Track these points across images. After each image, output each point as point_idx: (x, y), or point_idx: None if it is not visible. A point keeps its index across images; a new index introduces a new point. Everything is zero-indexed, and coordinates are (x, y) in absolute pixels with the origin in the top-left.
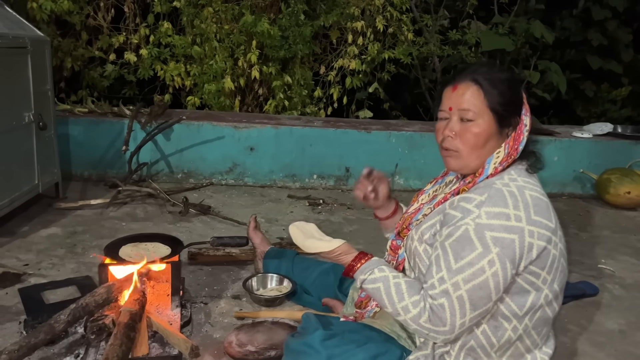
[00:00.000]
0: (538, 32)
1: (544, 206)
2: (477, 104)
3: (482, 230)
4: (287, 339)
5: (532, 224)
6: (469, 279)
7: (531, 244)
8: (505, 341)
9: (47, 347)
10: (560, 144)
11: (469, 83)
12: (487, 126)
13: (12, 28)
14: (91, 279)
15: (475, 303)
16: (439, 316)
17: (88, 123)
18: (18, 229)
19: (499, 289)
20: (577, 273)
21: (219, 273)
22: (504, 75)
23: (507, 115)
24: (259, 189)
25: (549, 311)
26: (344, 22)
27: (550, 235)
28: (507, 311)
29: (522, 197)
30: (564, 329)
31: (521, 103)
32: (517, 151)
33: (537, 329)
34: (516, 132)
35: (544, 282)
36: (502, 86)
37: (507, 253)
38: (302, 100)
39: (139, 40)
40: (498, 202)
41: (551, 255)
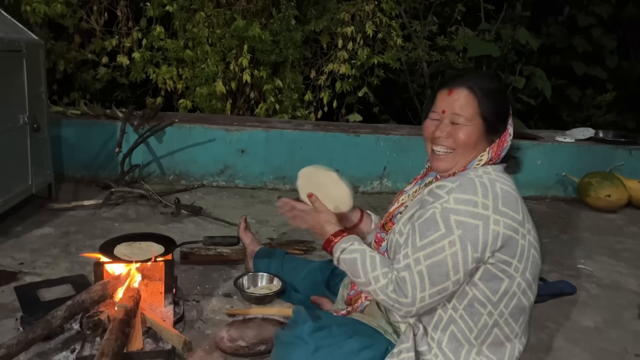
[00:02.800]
0: (523, 38)
1: (513, 199)
2: (470, 111)
3: (447, 214)
4: (277, 331)
5: (498, 214)
6: (429, 255)
7: (496, 231)
8: (482, 326)
9: (44, 342)
10: (544, 148)
11: (465, 90)
12: (476, 131)
13: (7, 32)
14: (85, 277)
15: (433, 279)
16: (402, 288)
17: (80, 125)
18: (12, 229)
19: (457, 269)
20: (556, 272)
21: (211, 272)
22: (498, 87)
23: (495, 124)
24: (249, 191)
25: (524, 300)
26: (334, 27)
27: (517, 226)
28: (482, 296)
29: (493, 189)
30: (541, 326)
31: (509, 113)
32: (499, 156)
33: (514, 317)
34: (500, 139)
35: (515, 270)
36: (495, 98)
37: (469, 236)
38: (292, 103)
39: (131, 43)
40: (467, 190)
41: (520, 245)
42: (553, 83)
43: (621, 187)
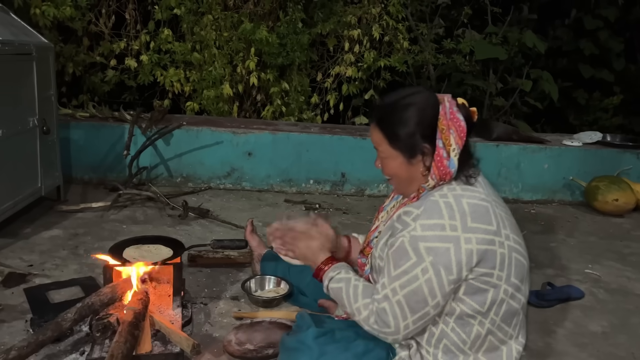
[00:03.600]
0: (530, 41)
1: (483, 211)
2: (382, 144)
3: (415, 242)
4: (282, 337)
5: (468, 231)
6: (404, 285)
7: (469, 250)
8: (475, 337)
9: (54, 344)
10: (551, 151)
11: (373, 123)
12: (397, 162)
13: (17, 35)
14: (94, 279)
15: (412, 307)
16: (383, 319)
17: (89, 127)
18: (21, 231)
19: (434, 294)
20: (563, 277)
21: (218, 275)
22: (402, 110)
23: (412, 148)
24: (256, 194)
25: (514, 303)
26: (340, 30)
27: (492, 237)
28: (470, 310)
29: (459, 207)
30: (549, 331)
31: (429, 129)
32: (450, 174)
33: (506, 322)
34: (435, 160)
35: (499, 279)
36: (400, 123)
37: (440, 261)
38: (299, 106)
39: (139, 46)
40: (433, 214)
41: (498, 254)
42: (560, 86)
43: (629, 191)
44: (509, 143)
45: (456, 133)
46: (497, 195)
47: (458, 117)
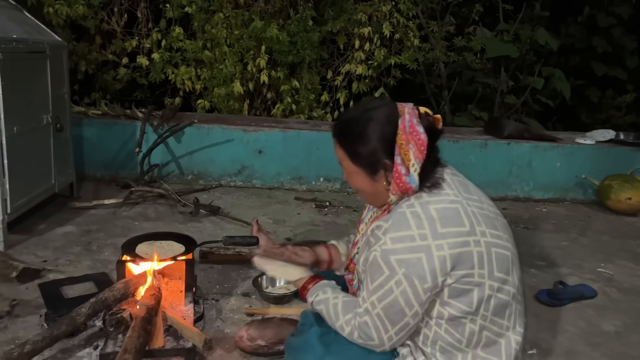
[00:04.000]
0: (542, 39)
1: (452, 214)
2: (344, 160)
3: (387, 256)
4: (287, 338)
5: (439, 238)
6: (381, 298)
7: (442, 256)
8: (469, 334)
9: (68, 339)
10: (563, 150)
11: (336, 142)
12: (360, 177)
13: (31, 33)
14: (107, 275)
15: (391, 319)
16: (366, 333)
17: (101, 125)
18: (35, 227)
19: (410, 304)
20: (576, 276)
21: (229, 272)
22: (361, 126)
23: (373, 164)
24: (266, 191)
25: (503, 296)
26: (351, 28)
27: (465, 238)
28: (458, 311)
29: (427, 214)
30: (561, 330)
31: (389, 145)
32: (412, 189)
33: (498, 315)
34: (393, 176)
35: (481, 277)
36: (360, 139)
37: (413, 272)
38: (309, 104)
39: (151, 44)
40: (401, 226)
41: (475, 253)
42: (572, 84)
43: None
44: (521, 141)
45: (416, 147)
46: (475, 190)
47: (418, 129)
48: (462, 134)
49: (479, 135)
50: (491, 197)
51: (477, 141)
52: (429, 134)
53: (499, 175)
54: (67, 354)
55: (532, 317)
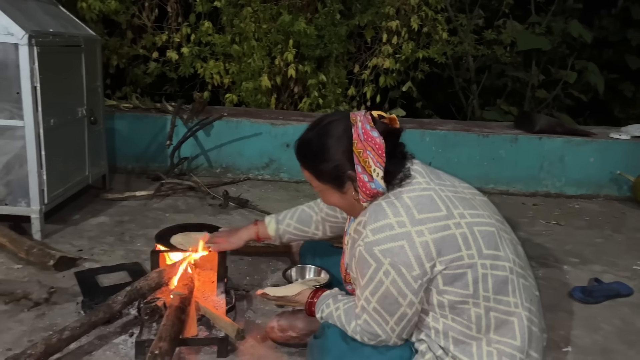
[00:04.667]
0: (576, 31)
1: (427, 200)
2: (312, 180)
3: (370, 248)
4: (310, 340)
5: (417, 224)
6: (373, 291)
7: (424, 242)
8: (476, 319)
9: (104, 326)
10: (597, 145)
11: (300, 164)
12: (330, 193)
13: (67, 27)
14: (140, 265)
15: (388, 310)
16: (370, 332)
17: (133, 118)
18: (70, 217)
19: (403, 293)
20: (611, 274)
21: (259, 263)
22: (318, 144)
23: (338, 178)
24: (294, 185)
25: (499, 272)
26: (378, 21)
27: (444, 222)
28: (457, 297)
29: (401, 202)
30: (596, 328)
31: (348, 156)
32: (380, 193)
33: (501, 292)
34: (359, 184)
35: (470, 258)
36: (320, 158)
37: (399, 260)
38: (335, 98)
39: (180, 39)
40: (378, 216)
41: (458, 235)
42: (605, 77)
43: None
44: (553, 136)
45: (373, 152)
46: (446, 177)
47: (372, 134)
48: (491, 128)
49: (509, 129)
50: (521, 192)
51: (507, 136)
52: (387, 136)
53: (529, 171)
54: (103, 341)
55: (566, 314)
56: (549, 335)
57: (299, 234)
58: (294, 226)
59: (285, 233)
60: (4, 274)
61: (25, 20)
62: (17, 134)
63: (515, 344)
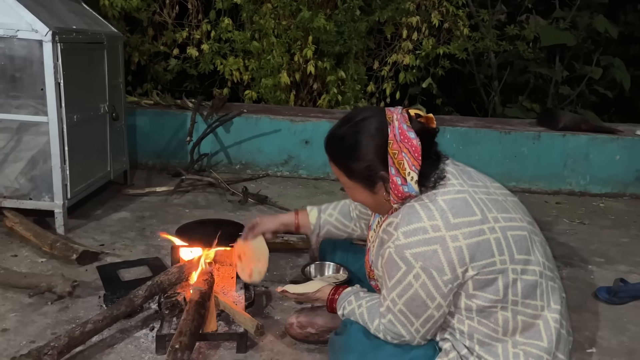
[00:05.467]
0: (602, 26)
1: (461, 204)
2: (341, 177)
3: (401, 251)
4: (330, 337)
5: (452, 229)
6: (401, 294)
7: (458, 247)
8: (503, 322)
9: (125, 319)
10: (623, 142)
11: (329, 159)
12: (359, 191)
13: (89, 24)
14: (160, 260)
15: (414, 312)
16: (395, 332)
17: (153, 115)
18: (92, 212)
19: (432, 296)
20: (637, 274)
21: (278, 260)
22: (351, 142)
23: (369, 178)
24: (312, 181)
25: (529, 277)
26: (398, 17)
27: (479, 226)
28: (486, 302)
29: (436, 205)
30: (622, 329)
31: (382, 156)
32: (412, 197)
33: (529, 297)
34: (390, 186)
35: (502, 263)
36: (351, 156)
37: (430, 264)
38: (355, 95)
39: (200, 35)
40: (412, 219)
41: (492, 240)
42: (631, 74)
43: None
44: (577, 133)
45: (409, 155)
46: (478, 176)
47: (409, 135)
48: (513, 125)
49: (532, 126)
50: (544, 190)
51: (529, 133)
52: (423, 136)
53: (552, 169)
54: (125, 334)
55: (591, 315)
56: (575, 336)
57: (339, 227)
58: (336, 217)
59: (325, 224)
60: (28, 268)
61: (49, 17)
62: (41, 129)
63: (543, 345)
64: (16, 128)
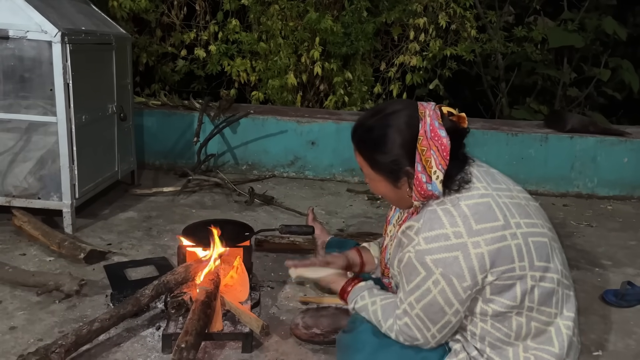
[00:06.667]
0: (610, 28)
1: (484, 209)
2: (365, 167)
3: (422, 256)
4: (338, 335)
5: (474, 235)
6: (419, 299)
7: (480, 254)
8: (517, 327)
9: (132, 318)
10: (631, 144)
11: (355, 149)
12: (382, 184)
13: (98, 25)
14: (167, 259)
15: (431, 318)
16: (409, 334)
17: (161, 115)
18: (100, 212)
19: (450, 303)
20: None
21: (283, 260)
22: (379, 133)
23: (394, 172)
24: (318, 182)
25: (547, 284)
26: (406, 18)
27: (501, 232)
28: (503, 307)
29: (459, 211)
30: (629, 332)
31: (410, 151)
32: (435, 196)
33: (545, 304)
34: (414, 182)
35: (522, 270)
36: (379, 147)
37: (451, 271)
38: (361, 96)
39: (208, 36)
40: (434, 225)
41: (513, 246)
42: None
43: None
44: (585, 135)
45: (438, 153)
46: (502, 178)
47: (440, 133)
48: (521, 127)
49: (539, 128)
50: (551, 192)
51: (537, 134)
52: (453, 135)
53: (560, 171)
54: (131, 333)
55: (598, 318)
56: (581, 339)
57: None
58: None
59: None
60: (36, 266)
61: (59, 18)
62: (50, 129)
63: (554, 351)
64: (25, 128)
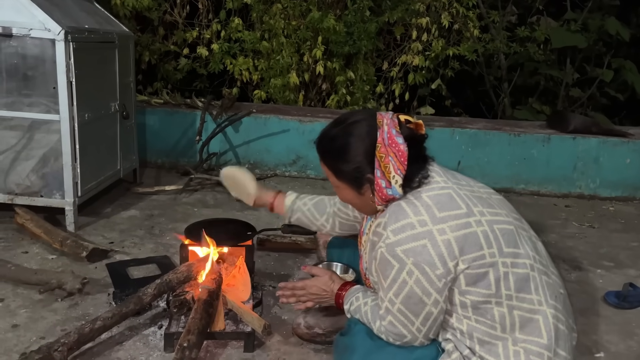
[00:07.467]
0: (613, 28)
1: (446, 198)
2: (330, 176)
3: (392, 249)
4: (336, 338)
5: (439, 222)
6: (397, 292)
7: (446, 240)
8: (500, 318)
9: (134, 317)
10: (634, 145)
11: (320, 158)
12: (347, 192)
13: (101, 24)
14: (169, 258)
15: (413, 310)
16: (396, 333)
17: (163, 114)
18: (102, 210)
19: (427, 292)
20: None
21: (285, 259)
22: (341, 143)
23: (356, 179)
24: (320, 182)
25: (519, 270)
26: (408, 18)
27: (465, 219)
28: (480, 297)
29: (421, 201)
30: (631, 333)
31: (370, 159)
32: (395, 199)
33: (523, 290)
34: (375, 188)
35: (492, 256)
36: (341, 157)
37: (422, 259)
38: (363, 95)
39: (210, 35)
40: (399, 216)
41: (480, 233)
42: None
43: None
44: (587, 136)
45: (396, 159)
46: (462, 177)
47: (397, 140)
48: (523, 128)
49: (542, 129)
50: (553, 193)
51: (539, 135)
52: (411, 142)
53: (562, 171)
54: (133, 332)
55: (600, 319)
56: (582, 340)
57: (309, 218)
58: (309, 208)
59: (297, 210)
60: (39, 264)
61: (62, 16)
62: (52, 127)
63: (542, 342)
64: (28, 126)
